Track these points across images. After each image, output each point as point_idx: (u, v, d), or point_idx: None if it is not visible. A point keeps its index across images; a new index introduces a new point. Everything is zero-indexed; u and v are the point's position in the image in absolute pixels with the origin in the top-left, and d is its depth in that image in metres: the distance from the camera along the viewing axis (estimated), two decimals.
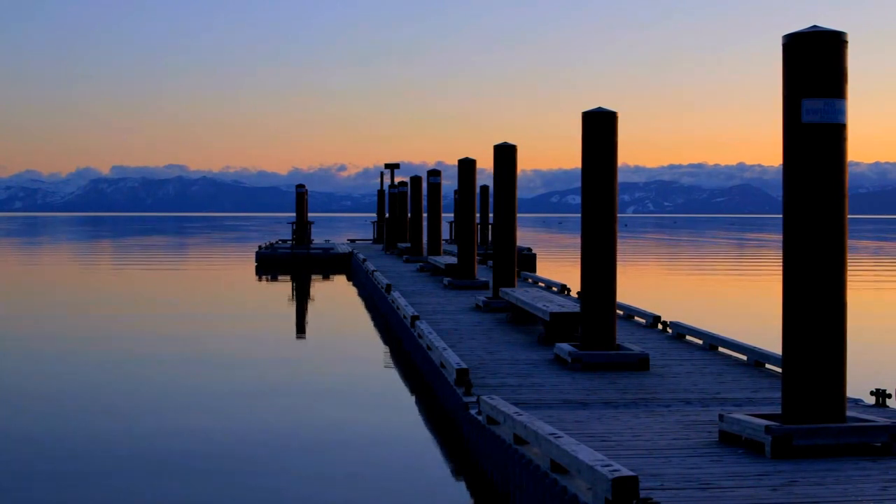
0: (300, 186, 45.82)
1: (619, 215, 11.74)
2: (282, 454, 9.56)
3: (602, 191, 11.33)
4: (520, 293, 15.67)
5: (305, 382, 13.83)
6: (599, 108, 11.36)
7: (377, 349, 17.20)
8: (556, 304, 13.73)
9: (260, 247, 42.16)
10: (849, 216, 7.23)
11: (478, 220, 28.72)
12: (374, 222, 53.27)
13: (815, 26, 7.16)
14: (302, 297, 28.41)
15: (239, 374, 14.31)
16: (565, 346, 11.42)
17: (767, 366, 11.26)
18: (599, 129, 11.32)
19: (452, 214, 32.69)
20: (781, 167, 7.29)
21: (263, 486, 8.47)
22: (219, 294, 29.29)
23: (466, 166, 21.81)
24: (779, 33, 7.48)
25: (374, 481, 8.66)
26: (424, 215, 33.46)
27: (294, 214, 44.99)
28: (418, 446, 10.01)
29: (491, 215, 22.55)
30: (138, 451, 9.65)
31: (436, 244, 30.17)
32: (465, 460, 9.11)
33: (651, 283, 33.82)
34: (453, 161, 22.50)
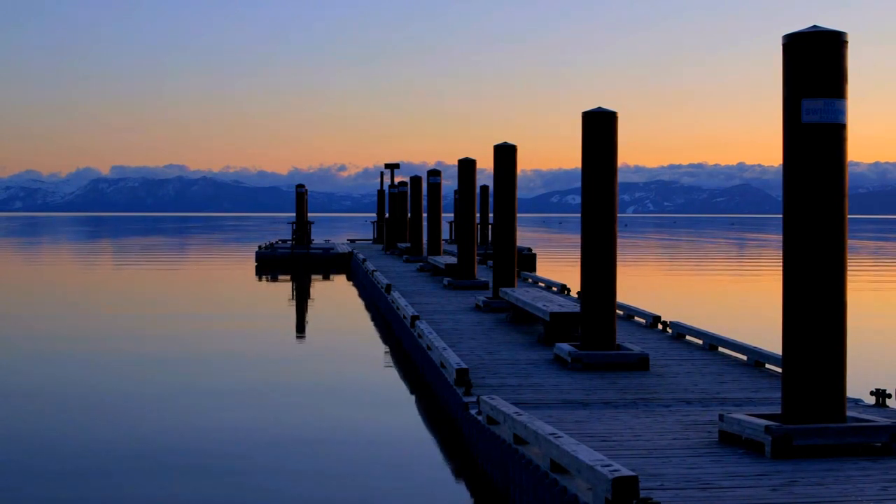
0: (300, 186, 45.83)
1: (619, 215, 11.74)
2: (281, 454, 9.56)
3: (602, 191, 11.32)
4: (520, 293, 15.67)
5: (305, 382, 13.82)
6: (599, 108, 11.36)
7: (377, 349, 17.19)
8: (556, 304, 13.72)
9: (260, 247, 42.16)
10: (849, 216, 7.23)
11: (478, 220, 28.73)
12: (374, 222, 53.26)
13: (815, 26, 7.16)
14: (302, 297, 28.41)
15: (238, 374, 14.30)
16: (565, 346, 11.42)
17: (767, 366, 11.26)
18: (599, 129, 11.32)
19: (452, 214, 32.68)
20: (781, 167, 7.29)
21: (263, 485, 8.47)
22: (219, 294, 29.28)
23: (466, 166, 21.81)
24: (779, 33, 7.49)
25: (374, 481, 8.66)
26: (424, 215, 33.45)
27: (294, 214, 45.00)
28: (418, 446, 10.01)
29: (491, 215, 22.55)
30: (137, 450, 9.65)
31: (436, 244, 30.17)
32: (465, 460, 9.11)
33: (651, 283, 33.82)
34: (453, 161, 22.54)
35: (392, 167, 47.68)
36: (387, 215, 44.93)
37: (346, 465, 9.20)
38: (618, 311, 13.16)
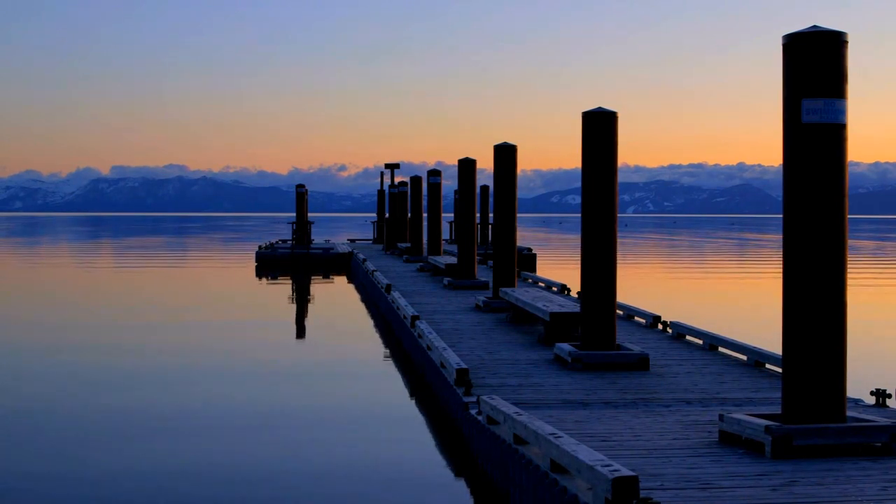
0: (300, 186, 45.82)
1: (619, 215, 11.74)
2: (280, 453, 9.55)
3: (602, 191, 11.32)
4: (520, 293, 15.67)
5: (305, 383, 13.82)
6: (599, 108, 11.36)
7: (377, 349, 17.20)
8: (556, 304, 13.72)
9: (260, 247, 42.16)
10: (849, 216, 7.23)
11: (478, 220, 28.74)
12: (374, 222, 53.26)
13: (815, 26, 7.16)
14: (302, 298, 28.41)
15: (238, 374, 14.30)
16: (565, 346, 11.42)
17: (767, 366, 11.26)
18: (599, 129, 11.32)
19: (452, 214, 32.69)
20: (781, 167, 7.29)
21: (262, 484, 8.47)
22: (218, 294, 29.29)
23: (466, 166, 21.81)
24: (779, 33, 7.49)
25: (374, 481, 8.66)
26: (424, 215, 33.45)
27: (294, 214, 45.00)
28: (418, 446, 10.02)
29: (491, 215, 22.55)
30: (135, 451, 9.65)
31: (436, 244, 30.17)
32: (465, 460, 9.11)
33: (651, 283, 33.82)
34: (453, 161, 22.53)
35: (392, 167, 47.67)
36: (387, 215, 44.92)
37: (346, 464, 9.20)
38: (618, 311, 13.16)
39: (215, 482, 8.65)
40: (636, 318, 16.10)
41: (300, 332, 20.43)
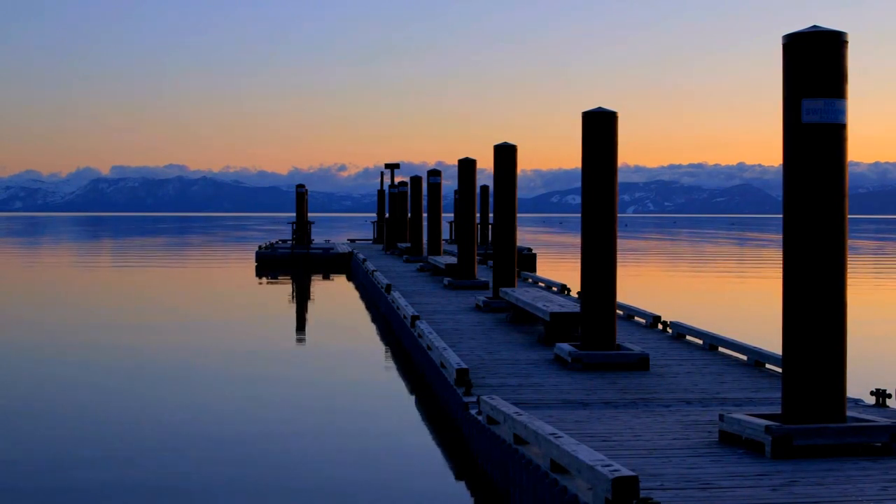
0: (300, 186, 45.83)
1: (619, 215, 11.74)
2: (281, 454, 9.55)
3: (602, 191, 11.33)
4: (520, 293, 15.67)
5: (305, 383, 13.83)
6: (599, 108, 11.36)
7: (377, 349, 17.19)
8: (556, 304, 13.72)
9: (260, 247, 42.16)
10: (849, 216, 7.23)
11: (478, 220, 28.73)
12: (374, 222, 53.26)
13: (815, 26, 7.16)
14: (302, 298, 28.41)
15: (238, 375, 14.30)
16: (565, 346, 11.42)
17: (767, 366, 11.26)
18: (599, 129, 11.32)
19: (452, 214, 32.69)
20: (781, 167, 7.29)
21: (262, 485, 8.47)
22: (219, 294, 29.29)
23: (466, 166, 21.81)
24: (779, 33, 7.49)
25: (374, 481, 8.66)
26: (424, 215, 33.45)
27: (294, 214, 45.01)
28: (418, 446, 10.02)
29: (491, 215, 22.55)
30: (135, 451, 9.65)
31: (436, 244, 30.17)
32: (465, 460, 9.11)
33: (651, 283, 33.82)
34: (453, 161, 22.54)
35: (392, 167, 47.67)
36: (387, 215, 44.93)
37: (346, 465, 9.20)
38: (618, 311, 13.16)
39: (214, 482, 8.65)
40: (636, 318, 16.10)
41: (300, 332, 20.42)
